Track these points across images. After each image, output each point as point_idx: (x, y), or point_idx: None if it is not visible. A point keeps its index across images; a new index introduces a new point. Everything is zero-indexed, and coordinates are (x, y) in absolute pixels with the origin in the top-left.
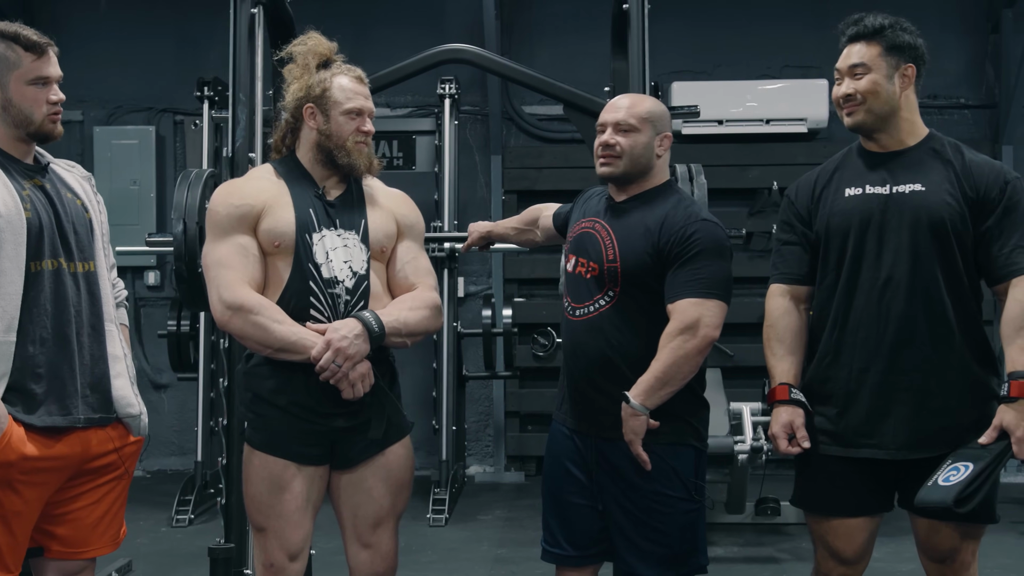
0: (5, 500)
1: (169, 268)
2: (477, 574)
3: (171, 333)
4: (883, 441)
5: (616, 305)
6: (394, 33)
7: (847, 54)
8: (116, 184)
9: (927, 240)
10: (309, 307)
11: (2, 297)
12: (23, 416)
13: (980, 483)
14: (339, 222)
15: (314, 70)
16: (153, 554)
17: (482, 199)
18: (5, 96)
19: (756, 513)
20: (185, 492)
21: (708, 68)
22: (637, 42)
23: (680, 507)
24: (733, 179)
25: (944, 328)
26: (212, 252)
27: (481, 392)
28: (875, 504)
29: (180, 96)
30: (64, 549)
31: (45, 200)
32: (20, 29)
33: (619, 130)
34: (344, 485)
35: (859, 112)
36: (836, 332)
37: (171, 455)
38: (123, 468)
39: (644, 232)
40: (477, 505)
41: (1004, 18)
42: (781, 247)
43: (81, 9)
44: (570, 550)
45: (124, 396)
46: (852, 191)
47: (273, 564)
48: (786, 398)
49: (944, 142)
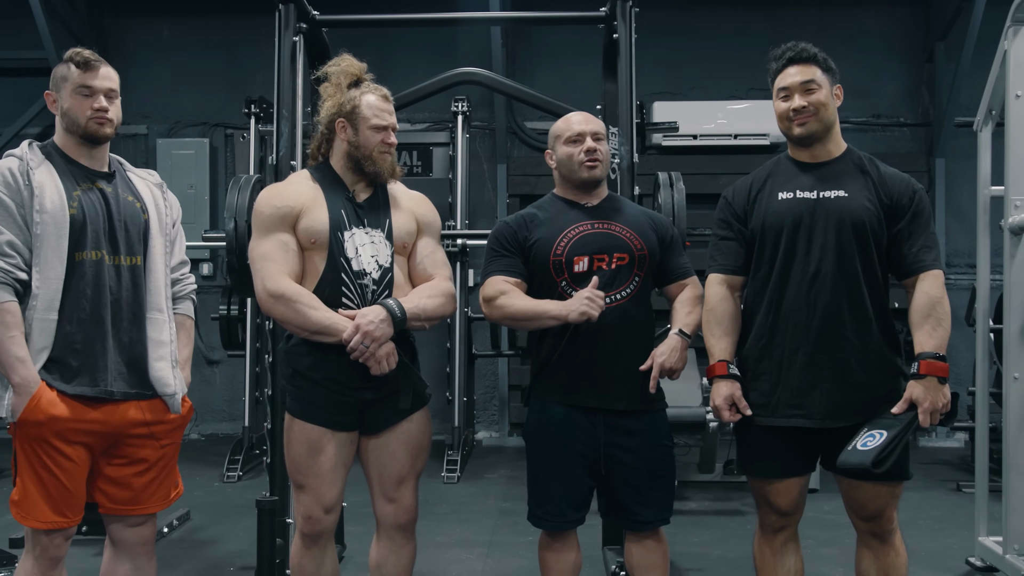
0: (44, 456)
1: (221, 260)
2: (485, 524)
3: (222, 316)
4: (810, 412)
5: (640, 289)
6: (413, 58)
7: (792, 73)
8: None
9: (850, 239)
10: (341, 295)
11: (44, 281)
12: (59, 384)
13: (893, 447)
14: (367, 221)
15: (346, 88)
16: (207, 505)
17: (489, 202)
18: (63, 107)
19: (724, 473)
20: (235, 452)
21: (685, 90)
22: (625, 67)
23: (672, 454)
24: (706, 186)
25: (863, 314)
26: (257, 247)
27: (488, 368)
28: (803, 466)
29: (230, 112)
30: (117, 506)
31: (100, 200)
32: (79, 52)
33: (596, 138)
34: (371, 449)
35: (812, 122)
36: (771, 317)
37: (222, 421)
38: (166, 440)
39: (646, 225)
40: (485, 465)
41: (937, 50)
42: (719, 242)
43: (146, 39)
44: (570, 513)
45: (162, 377)
46: (784, 195)
47: (311, 516)
48: (725, 373)
49: (861, 156)
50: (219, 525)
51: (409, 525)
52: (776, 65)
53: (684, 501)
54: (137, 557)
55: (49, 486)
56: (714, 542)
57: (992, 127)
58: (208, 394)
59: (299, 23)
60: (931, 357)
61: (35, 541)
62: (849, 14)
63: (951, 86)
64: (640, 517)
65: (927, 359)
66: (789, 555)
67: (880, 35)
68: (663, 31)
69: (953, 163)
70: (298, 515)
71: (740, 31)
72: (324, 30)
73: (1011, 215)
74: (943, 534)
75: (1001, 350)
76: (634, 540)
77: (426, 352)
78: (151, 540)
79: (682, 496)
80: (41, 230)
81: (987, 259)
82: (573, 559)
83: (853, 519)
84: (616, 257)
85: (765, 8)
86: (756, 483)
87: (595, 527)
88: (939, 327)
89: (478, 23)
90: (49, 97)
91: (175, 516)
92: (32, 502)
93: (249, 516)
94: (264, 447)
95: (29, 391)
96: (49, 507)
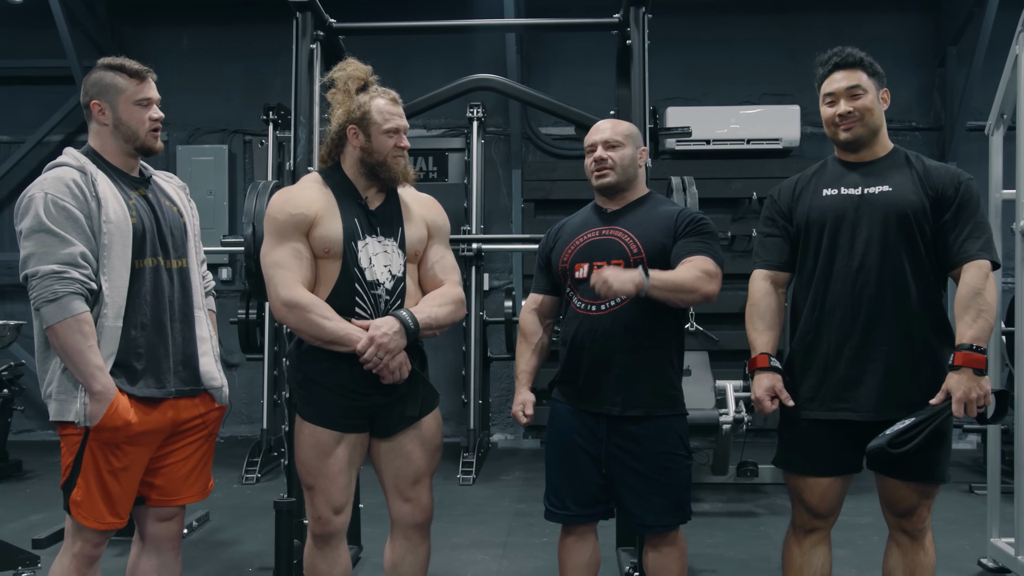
0: (113, 459)
1: (239, 265)
2: (500, 525)
3: (241, 320)
4: (857, 405)
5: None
6: (429, 65)
7: (838, 79)
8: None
9: (894, 232)
10: (355, 305)
11: (113, 290)
12: (127, 387)
13: (916, 432)
14: (380, 230)
15: (354, 94)
16: (227, 506)
17: (504, 207)
18: (116, 116)
19: (737, 474)
20: (253, 455)
21: (698, 95)
22: (638, 73)
23: (684, 463)
24: (719, 190)
25: (908, 308)
26: (270, 253)
27: (503, 371)
28: (846, 464)
29: (248, 119)
30: (161, 497)
31: (148, 207)
32: (124, 61)
33: (608, 147)
34: (384, 451)
35: (858, 127)
36: (816, 312)
37: (241, 423)
38: (208, 430)
39: (659, 224)
40: (500, 467)
41: (949, 54)
42: (764, 239)
43: (166, 47)
44: (575, 509)
45: (209, 371)
46: (829, 191)
47: (321, 517)
48: (767, 365)
49: (907, 153)
50: (238, 526)
51: (426, 524)
52: (822, 71)
53: (698, 503)
54: (164, 553)
55: (111, 488)
56: (728, 543)
57: (1004, 131)
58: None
59: (316, 31)
60: (968, 348)
61: (81, 538)
62: (861, 19)
63: (963, 90)
64: (641, 521)
65: (963, 350)
66: (818, 556)
67: (892, 40)
68: (676, 36)
69: (965, 167)
70: (309, 516)
71: (753, 37)
72: (341, 37)
73: (1022, 218)
74: (956, 535)
75: (1013, 352)
76: (650, 544)
77: (442, 355)
78: (178, 536)
79: (696, 498)
80: (108, 240)
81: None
82: (588, 556)
83: (885, 514)
84: (612, 263)
85: (777, 13)
86: (792, 480)
87: (610, 527)
88: (979, 318)
89: (493, 30)
90: (96, 107)
91: (195, 517)
92: (93, 503)
93: (267, 517)
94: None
95: (109, 398)
96: (107, 508)
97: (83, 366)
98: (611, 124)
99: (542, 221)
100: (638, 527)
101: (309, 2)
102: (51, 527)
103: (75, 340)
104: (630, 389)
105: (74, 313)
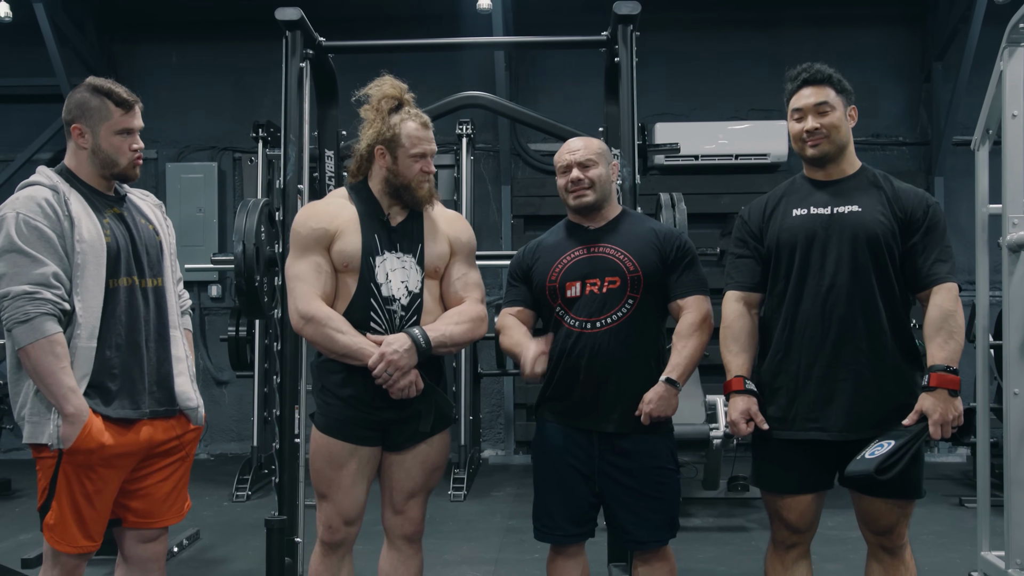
0: (87, 482)
1: (230, 282)
2: (491, 541)
3: (231, 337)
4: (827, 424)
5: (637, 309)
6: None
7: (806, 95)
8: (184, 211)
9: (864, 253)
10: (369, 320)
11: (86, 310)
12: (101, 408)
13: (900, 456)
14: (400, 246)
15: (386, 114)
16: (217, 524)
17: (494, 223)
18: (95, 143)
19: (728, 489)
20: (243, 472)
21: (686, 111)
22: (627, 89)
23: (675, 477)
24: (708, 205)
25: (878, 328)
26: (292, 266)
27: (494, 387)
28: (819, 482)
29: (238, 137)
30: (138, 519)
31: (122, 226)
32: (113, 86)
33: (583, 168)
34: (390, 464)
35: (824, 143)
36: (786, 332)
37: (231, 441)
38: (184, 452)
39: (648, 241)
40: (491, 483)
41: (935, 70)
42: (736, 260)
43: (155, 64)
44: (568, 529)
45: (184, 392)
46: (799, 211)
47: (331, 526)
48: (741, 388)
49: (875, 173)
50: (228, 544)
51: (415, 536)
52: (791, 86)
53: (689, 518)
54: (150, 573)
55: (84, 512)
56: (719, 558)
57: (989, 146)
58: (217, 414)
59: (306, 49)
60: (942, 370)
61: (59, 563)
62: (848, 34)
63: (949, 105)
64: (633, 536)
65: (938, 371)
66: (800, 570)
67: (879, 55)
68: (664, 53)
69: (952, 181)
70: (320, 523)
71: (740, 52)
72: (330, 56)
73: (1009, 232)
74: (946, 549)
75: (1001, 366)
76: (641, 559)
77: None
78: (163, 556)
79: (687, 513)
80: (81, 259)
81: (986, 276)
82: (579, 575)
83: (864, 532)
84: (607, 281)
85: (764, 29)
86: (769, 498)
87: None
88: (951, 340)
89: (482, 48)
90: (76, 130)
91: (185, 536)
92: (66, 527)
93: (258, 535)
94: (272, 467)
95: (82, 420)
96: (81, 532)
97: (55, 388)
98: (583, 143)
99: (531, 237)
100: (630, 543)
101: (298, 21)
102: (40, 547)
103: (47, 361)
104: (623, 406)
105: (46, 334)
